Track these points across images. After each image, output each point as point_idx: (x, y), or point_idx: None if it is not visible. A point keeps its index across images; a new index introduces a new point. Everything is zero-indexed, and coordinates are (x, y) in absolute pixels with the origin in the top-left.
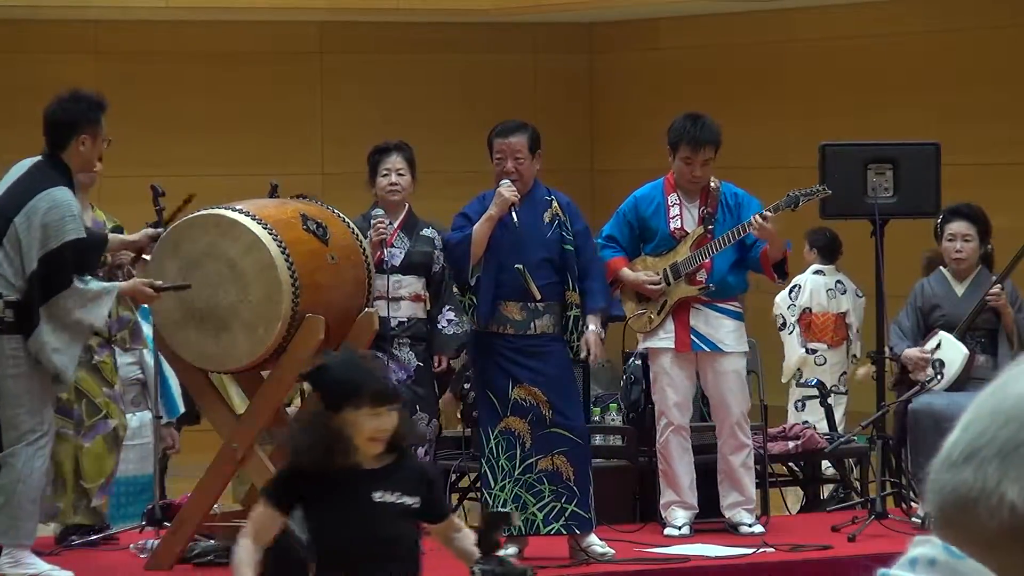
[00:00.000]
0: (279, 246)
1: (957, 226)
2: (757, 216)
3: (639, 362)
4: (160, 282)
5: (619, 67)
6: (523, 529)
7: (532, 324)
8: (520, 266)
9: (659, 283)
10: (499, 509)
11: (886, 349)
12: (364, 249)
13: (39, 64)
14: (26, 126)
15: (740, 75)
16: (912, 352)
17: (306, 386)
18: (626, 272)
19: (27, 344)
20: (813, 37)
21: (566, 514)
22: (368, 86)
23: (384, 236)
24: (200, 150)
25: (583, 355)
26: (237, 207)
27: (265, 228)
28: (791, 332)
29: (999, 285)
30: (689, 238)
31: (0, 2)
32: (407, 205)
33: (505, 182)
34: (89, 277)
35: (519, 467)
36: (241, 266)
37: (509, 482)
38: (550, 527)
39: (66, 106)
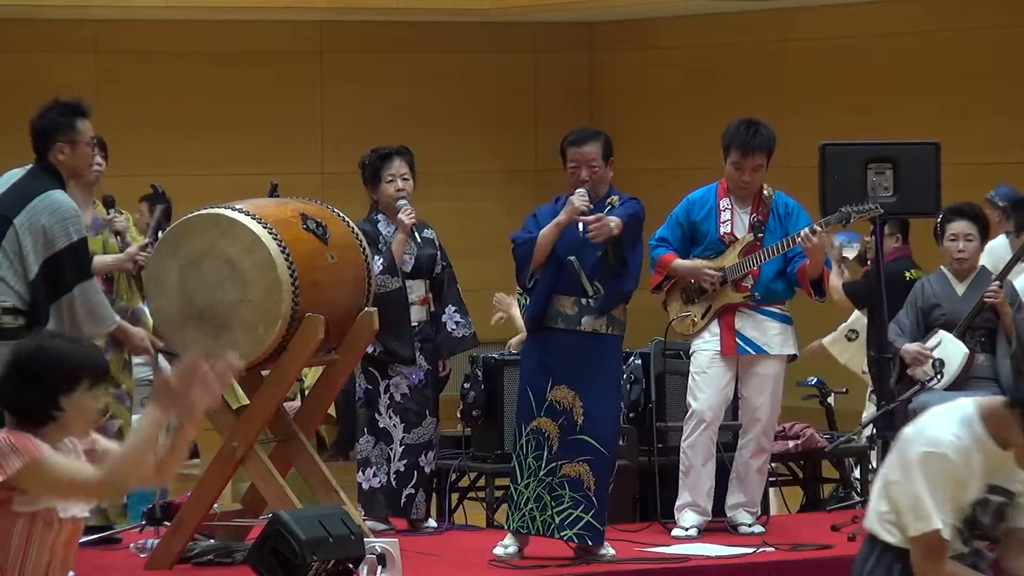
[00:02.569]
0: (279, 245)
1: (959, 226)
2: (807, 230)
3: (639, 362)
4: (162, 345)
5: (619, 67)
6: (541, 529)
7: (582, 320)
8: (572, 258)
9: (719, 272)
10: None
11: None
12: (364, 249)
13: (39, 64)
14: (26, 126)
15: (740, 75)
16: (911, 347)
17: (308, 384)
18: (680, 261)
19: None
20: (813, 37)
21: (580, 523)
22: (368, 86)
23: (414, 220)
24: (200, 150)
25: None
26: (237, 206)
27: (265, 227)
28: None
29: (997, 283)
30: (738, 244)
31: (0, 2)
32: None
33: (580, 191)
34: (98, 290)
35: (544, 468)
36: (241, 266)
37: (533, 481)
38: (564, 533)
39: (43, 115)
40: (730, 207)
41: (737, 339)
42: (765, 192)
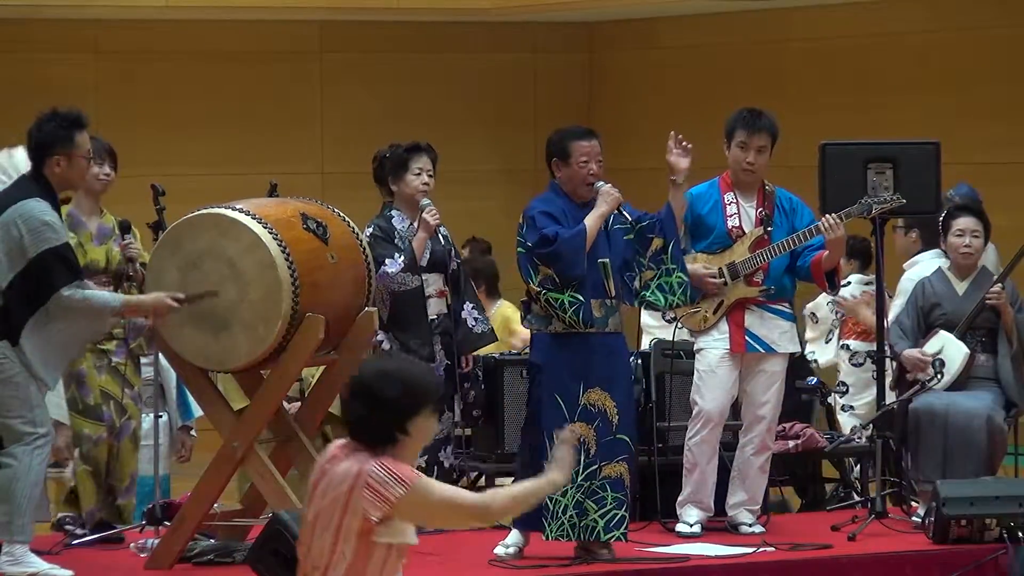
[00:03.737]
0: (279, 245)
1: (966, 222)
2: (831, 219)
3: (639, 362)
4: (182, 295)
5: (619, 67)
6: (583, 535)
7: (608, 321)
8: (605, 260)
9: (719, 279)
10: None
11: (886, 348)
12: (364, 249)
13: (39, 64)
14: (26, 126)
15: (740, 75)
16: (911, 353)
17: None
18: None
19: (14, 352)
20: (812, 37)
21: (624, 524)
22: (368, 86)
23: (439, 221)
24: (200, 150)
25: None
26: (237, 206)
27: (265, 227)
28: None
29: (1000, 284)
30: (747, 238)
31: (0, 2)
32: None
33: (604, 184)
34: (90, 287)
35: (583, 473)
36: (241, 266)
37: (572, 488)
38: (611, 534)
39: (41, 126)
40: (735, 201)
41: (746, 337)
42: (768, 187)
